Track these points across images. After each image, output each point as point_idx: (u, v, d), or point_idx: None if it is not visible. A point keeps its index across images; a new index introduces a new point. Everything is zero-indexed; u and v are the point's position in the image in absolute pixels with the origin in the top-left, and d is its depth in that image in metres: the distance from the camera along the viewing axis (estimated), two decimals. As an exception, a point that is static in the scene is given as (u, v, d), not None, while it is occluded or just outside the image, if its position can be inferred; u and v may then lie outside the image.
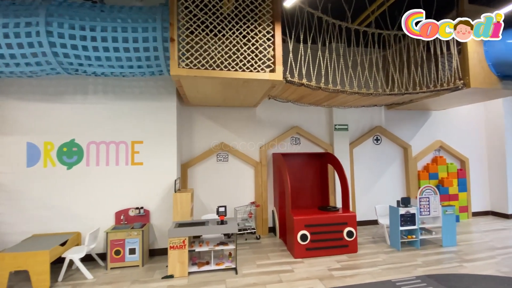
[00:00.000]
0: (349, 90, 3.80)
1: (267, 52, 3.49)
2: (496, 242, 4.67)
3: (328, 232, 4.19)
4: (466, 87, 4.15)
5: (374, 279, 3.39)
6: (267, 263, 3.94)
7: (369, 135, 5.96)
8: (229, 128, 5.31)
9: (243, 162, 5.34)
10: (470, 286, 3.16)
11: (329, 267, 3.77)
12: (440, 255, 4.13)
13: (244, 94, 4.28)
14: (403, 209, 4.40)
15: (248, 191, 5.33)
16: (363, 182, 5.92)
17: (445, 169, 6.14)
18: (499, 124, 6.31)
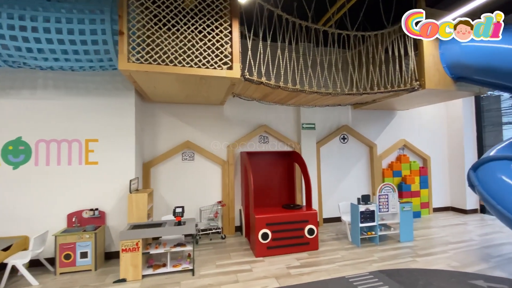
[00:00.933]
0: (308, 90, 3.81)
1: (224, 49, 3.41)
2: (451, 237, 4.90)
3: (289, 230, 4.20)
4: (422, 88, 4.30)
5: (330, 276, 3.44)
6: (227, 263, 3.89)
7: (336, 134, 6.05)
8: (195, 126, 5.19)
9: (210, 161, 5.24)
10: (418, 281, 3.28)
11: (288, 265, 3.78)
12: (396, 251, 4.26)
13: (205, 92, 4.19)
14: (363, 206, 4.51)
15: (215, 191, 5.24)
16: (330, 180, 6.02)
17: (408, 167, 6.37)
18: (459, 124, 6.63)
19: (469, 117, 6.60)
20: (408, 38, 4.40)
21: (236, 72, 3.41)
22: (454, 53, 4.27)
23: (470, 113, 6.62)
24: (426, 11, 4.37)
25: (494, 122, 6.55)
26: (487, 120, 6.62)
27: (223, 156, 5.30)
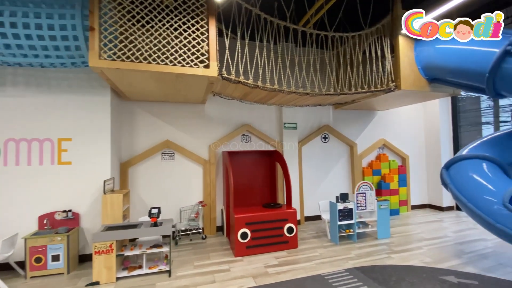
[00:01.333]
0: (286, 90, 3.83)
1: (200, 47, 3.38)
2: (426, 233, 5.05)
3: (268, 229, 4.21)
4: (398, 89, 4.41)
5: (306, 274, 3.47)
6: (205, 264, 3.85)
7: (317, 133, 6.12)
8: (175, 125, 5.12)
9: (191, 161, 5.19)
10: (392, 277, 3.36)
11: (266, 264, 3.79)
12: (373, 248, 4.35)
13: (184, 90, 4.13)
14: (341, 204, 4.58)
15: (196, 191, 5.19)
16: (312, 179, 6.08)
17: (388, 165, 6.53)
18: (435, 124, 6.85)
19: (445, 117, 6.82)
20: (385, 39, 4.51)
21: (213, 70, 3.38)
22: (428, 55, 4.40)
23: (446, 114, 6.85)
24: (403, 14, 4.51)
25: (473, 122, 6.82)
26: (467, 120, 6.87)
27: (204, 155, 5.25)
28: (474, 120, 6.81)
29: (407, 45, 4.47)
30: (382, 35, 4.49)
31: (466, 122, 6.87)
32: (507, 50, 3.21)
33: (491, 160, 3.80)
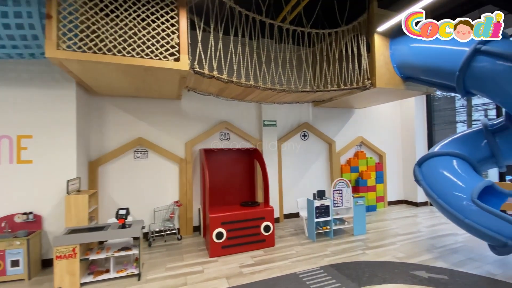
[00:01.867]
0: (262, 86, 3.75)
1: (170, 39, 3.22)
2: (400, 229, 5.16)
3: (245, 228, 4.13)
4: (373, 86, 4.44)
5: (281, 273, 3.42)
6: (178, 266, 3.72)
7: (297, 131, 6.10)
8: (149, 121, 4.90)
9: (166, 159, 5.00)
10: (365, 273, 3.37)
11: (241, 264, 3.71)
12: (349, 244, 4.39)
13: (156, 85, 3.95)
14: (318, 201, 4.57)
15: (172, 190, 5.01)
16: (292, 176, 6.06)
17: (365, 163, 6.63)
18: (411, 122, 7.03)
19: (420, 116, 7.01)
20: (362, 37, 4.52)
21: (184, 64, 3.23)
22: (403, 54, 4.45)
23: (421, 112, 7.04)
24: (378, 12, 4.56)
25: (448, 120, 7.07)
26: (443, 118, 7.11)
27: (180, 153, 5.08)
28: (449, 118, 7.09)
29: (383, 43, 4.51)
30: (358, 33, 4.50)
31: (442, 121, 7.12)
32: (477, 49, 3.28)
33: (460, 157, 3.91)
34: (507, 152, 3.84)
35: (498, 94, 3.38)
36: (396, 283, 3.12)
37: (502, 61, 3.13)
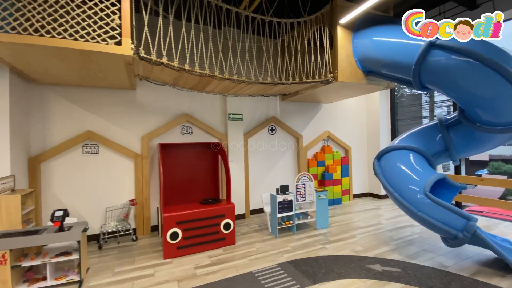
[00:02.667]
0: (218, 76, 3.52)
1: (110, 20, 2.88)
2: (362, 221, 5.24)
3: (203, 227, 3.93)
4: (335, 80, 4.38)
5: (237, 273, 3.28)
6: (127, 269, 3.44)
7: (264, 125, 5.96)
8: (99, 113, 4.48)
9: (120, 155, 4.62)
10: (321, 268, 3.33)
11: (197, 265, 3.51)
12: (310, 239, 4.35)
13: (101, 72, 3.57)
14: (281, 196, 4.48)
15: (127, 188, 4.65)
16: (259, 171, 5.93)
17: (331, 157, 6.67)
18: (376, 116, 7.17)
19: (385, 110, 7.17)
20: (325, 29, 4.43)
21: (126, 48, 2.91)
22: (365, 47, 4.42)
23: (386, 106, 7.20)
24: (342, 4, 4.48)
25: (414, 116, 7.32)
26: (409, 114, 7.33)
27: (136, 148, 4.72)
28: (415, 114, 7.35)
29: (345, 36, 4.45)
30: (321, 25, 4.40)
31: (408, 116, 7.36)
32: (432, 43, 3.29)
33: (416, 151, 3.99)
34: (459, 145, 3.96)
35: (452, 89, 3.43)
36: (351, 278, 3.10)
37: (456, 55, 3.15)
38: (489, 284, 2.91)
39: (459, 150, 3.98)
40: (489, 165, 16.57)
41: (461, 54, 3.11)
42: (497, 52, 3.07)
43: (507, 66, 2.90)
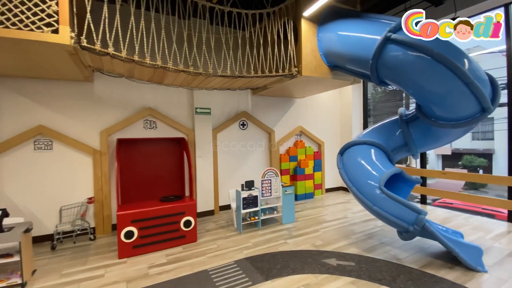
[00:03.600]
0: (172, 67, 3.37)
1: (46, 6, 2.67)
2: (330, 215, 5.28)
3: (161, 225, 3.81)
4: (300, 74, 4.32)
5: (192, 271, 3.21)
6: (77, 270, 3.29)
7: (235, 119, 5.86)
8: (52, 107, 4.23)
9: (76, 151, 4.40)
10: (277, 264, 3.31)
11: (152, 264, 3.41)
12: (274, 234, 4.33)
13: (46, 63, 3.34)
14: (245, 192, 4.43)
15: (85, 186, 4.45)
16: (230, 167, 5.85)
17: (304, 152, 6.67)
18: (348, 111, 7.22)
19: (357, 105, 7.23)
20: (289, 22, 4.34)
21: (64, 37, 2.71)
22: (329, 41, 4.36)
23: (359, 102, 7.26)
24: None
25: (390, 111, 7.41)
26: (389, 108, 7.40)
27: (94, 144, 4.51)
28: (392, 109, 7.45)
29: (310, 29, 4.38)
30: (285, 18, 4.30)
31: (386, 111, 7.44)
32: (387, 37, 3.28)
33: (377, 146, 4.01)
34: (418, 140, 4.01)
35: (407, 84, 3.45)
36: (304, 273, 3.09)
37: (410, 50, 3.15)
38: (436, 276, 2.98)
39: (418, 145, 4.03)
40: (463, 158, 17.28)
41: (414, 49, 3.11)
42: (449, 48, 3.08)
43: (457, 62, 2.92)
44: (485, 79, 3.12)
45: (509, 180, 4.57)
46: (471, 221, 4.79)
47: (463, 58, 3.05)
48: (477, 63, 3.16)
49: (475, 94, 3.02)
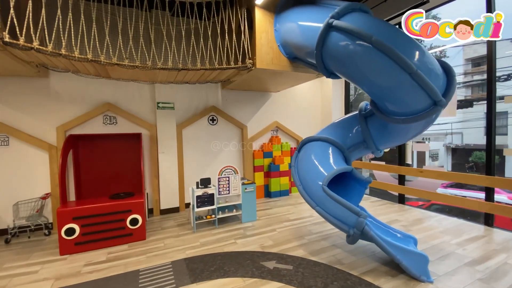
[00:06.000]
0: (104, 61, 3.25)
1: (-41, 0, 2.60)
2: (295, 214, 5.08)
3: (105, 222, 3.77)
4: (255, 67, 4.10)
5: (124, 271, 3.14)
6: (16, 265, 3.30)
7: (203, 114, 5.72)
8: (6, 103, 4.23)
9: (32, 146, 4.40)
10: (213, 266, 3.18)
11: (89, 262, 3.37)
12: (228, 233, 4.20)
13: (-19, 59, 3.31)
14: (200, 190, 4.31)
15: (41, 181, 4.46)
16: (198, 163, 5.74)
17: (280, 148, 6.45)
18: (328, 105, 6.90)
19: (339, 99, 6.89)
20: (241, 11, 4.10)
21: (-21, 32, 2.65)
22: (285, 31, 4.07)
23: (340, 95, 6.92)
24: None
25: None
26: None
27: (51, 139, 4.50)
28: None
29: (266, 19, 4.14)
30: (238, 6, 4.07)
31: None
32: (329, 24, 3.01)
33: (331, 143, 3.76)
34: (377, 137, 3.71)
35: (356, 77, 3.17)
36: (236, 276, 2.95)
37: (352, 38, 2.88)
38: (373, 285, 2.76)
39: (378, 141, 3.73)
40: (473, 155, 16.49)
41: (355, 37, 2.84)
42: (392, 35, 2.79)
43: (397, 50, 2.63)
44: (434, 69, 2.80)
45: (487, 180, 4.19)
46: (443, 224, 4.46)
47: (409, 46, 2.75)
48: (428, 52, 2.86)
49: (420, 85, 2.72)
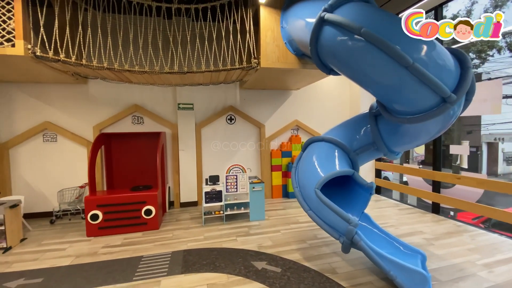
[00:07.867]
0: (118, 68, 3.64)
1: (6, 25, 3.22)
2: (306, 217, 4.79)
3: (123, 211, 4.23)
4: (259, 66, 4.09)
5: (131, 255, 3.49)
6: (51, 243, 3.95)
7: (221, 114, 5.92)
8: (55, 106, 5.06)
9: (74, 143, 5.18)
10: (205, 260, 3.32)
11: (107, 245, 3.84)
12: (232, 230, 4.30)
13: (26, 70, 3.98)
14: (209, 187, 4.50)
15: (81, 173, 5.22)
16: (216, 161, 5.97)
17: (300, 147, 6.27)
18: (357, 101, 6.44)
19: (367, 95, 6.37)
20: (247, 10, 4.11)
21: (19, 49, 3.24)
22: (291, 27, 3.95)
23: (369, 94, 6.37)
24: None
25: None
26: None
27: (89, 137, 5.23)
28: None
29: (272, 17, 4.08)
30: (242, 7, 4.10)
31: None
32: (322, 18, 2.85)
33: (336, 144, 3.55)
34: (389, 138, 3.39)
35: (353, 74, 2.96)
36: (222, 272, 3.03)
37: (343, 31, 2.69)
38: (360, 298, 2.54)
39: (390, 143, 3.40)
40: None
41: (346, 30, 2.64)
42: (386, 25, 2.53)
43: (388, 41, 2.38)
44: (441, 61, 2.46)
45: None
46: (477, 240, 3.81)
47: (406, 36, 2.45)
48: (437, 43, 2.52)
49: (421, 80, 2.41)
